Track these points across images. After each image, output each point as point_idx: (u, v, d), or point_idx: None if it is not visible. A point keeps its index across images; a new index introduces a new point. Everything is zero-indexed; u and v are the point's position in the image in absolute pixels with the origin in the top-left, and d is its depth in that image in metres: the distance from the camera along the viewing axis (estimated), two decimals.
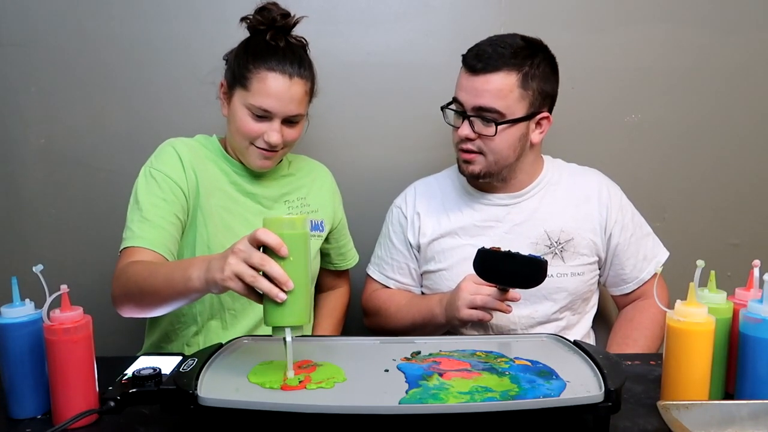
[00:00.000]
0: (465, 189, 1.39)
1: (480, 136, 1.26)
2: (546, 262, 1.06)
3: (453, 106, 1.31)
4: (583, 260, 1.31)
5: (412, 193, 1.44)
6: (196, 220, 1.25)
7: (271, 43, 1.24)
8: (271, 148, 1.24)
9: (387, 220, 1.47)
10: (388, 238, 1.44)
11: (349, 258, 1.51)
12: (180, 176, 1.23)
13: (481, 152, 1.28)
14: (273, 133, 1.22)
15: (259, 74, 1.21)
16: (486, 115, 1.24)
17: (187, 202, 1.23)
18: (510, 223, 1.33)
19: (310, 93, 1.29)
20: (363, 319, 1.51)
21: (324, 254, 1.46)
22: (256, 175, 1.33)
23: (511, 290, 1.13)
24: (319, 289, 1.54)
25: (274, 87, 1.21)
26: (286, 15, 1.27)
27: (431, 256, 1.37)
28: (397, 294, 1.42)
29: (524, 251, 1.27)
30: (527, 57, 1.25)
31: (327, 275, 1.53)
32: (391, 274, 1.43)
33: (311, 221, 1.37)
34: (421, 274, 1.41)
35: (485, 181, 1.32)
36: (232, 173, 1.31)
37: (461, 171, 1.33)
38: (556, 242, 1.30)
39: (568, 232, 1.30)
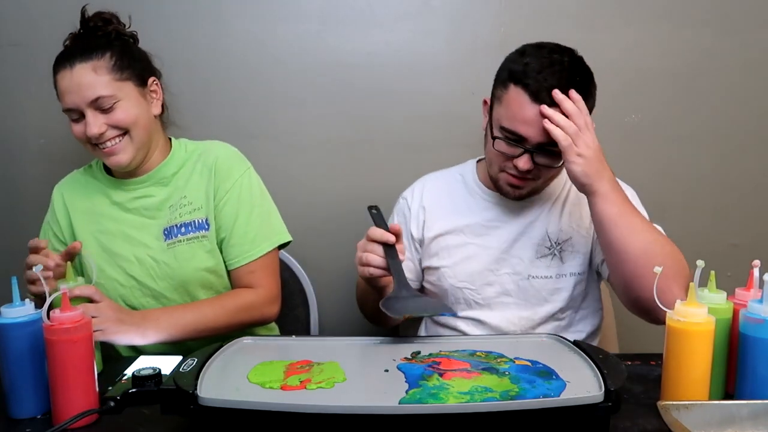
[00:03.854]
0: (475, 187, 1.36)
1: (539, 166, 1.20)
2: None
3: (506, 136, 1.19)
4: (582, 259, 1.30)
5: (420, 187, 1.42)
6: (80, 255, 1.26)
7: (63, 48, 1.26)
8: (99, 140, 1.23)
9: (393, 210, 1.44)
10: None
11: (230, 257, 1.31)
12: (56, 224, 1.34)
13: (533, 178, 1.23)
14: (89, 126, 1.21)
15: (56, 83, 1.23)
16: (554, 149, 1.15)
17: (63, 243, 1.32)
18: (517, 225, 1.31)
19: (116, 69, 1.23)
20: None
21: None
22: (138, 185, 1.31)
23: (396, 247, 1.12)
24: None
25: (63, 84, 1.22)
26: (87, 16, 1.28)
27: (435, 252, 1.35)
28: None
29: (528, 253, 1.28)
30: (590, 83, 1.21)
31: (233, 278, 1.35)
32: None
33: (196, 221, 1.29)
34: (423, 269, 1.39)
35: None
36: (115, 192, 1.32)
37: (504, 194, 1.28)
38: (555, 243, 1.29)
39: (566, 231, 1.29)
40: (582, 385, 0.83)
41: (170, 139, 1.39)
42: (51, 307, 0.88)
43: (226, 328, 1.25)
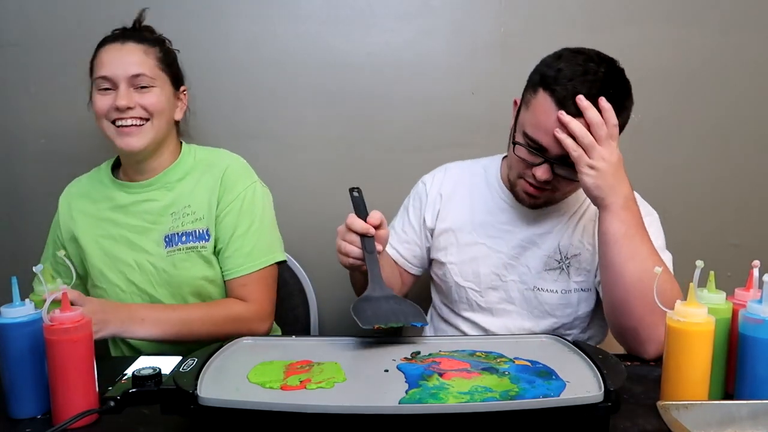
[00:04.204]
0: (495, 185, 1.33)
1: (558, 177, 1.16)
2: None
3: (528, 143, 1.15)
4: (588, 277, 1.26)
5: (441, 174, 1.38)
6: (84, 262, 1.32)
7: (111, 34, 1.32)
8: (122, 115, 1.24)
9: (410, 193, 1.42)
10: (406, 210, 1.40)
11: (224, 269, 1.31)
12: (59, 230, 1.36)
13: (551, 189, 1.19)
14: (120, 97, 1.24)
15: (97, 54, 1.28)
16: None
17: (65, 250, 1.30)
18: (530, 232, 1.27)
19: (162, 61, 1.30)
20: None
21: None
22: (142, 188, 1.32)
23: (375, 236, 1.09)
24: None
25: (107, 55, 1.26)
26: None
27: (443, 246, 1.33)
28: None
29: (536, 263, 1.25)
30: (625, 98, 1.16)
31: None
32: (395, 244, 1.37)
33: (197, 231, 1.29)
34: (431, 261, 1.36)
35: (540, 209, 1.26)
36: (119, 195, 1.33)
37: (519, 200, 1.25)
38: (564, 257, 1.26)
39: (577, 246, 1.26)
40: (582, 385, 0.83)
41: (181, 143, 1.40)
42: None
43: (210, 336, 1.21)
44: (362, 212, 1.11)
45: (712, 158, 1.75)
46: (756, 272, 0.97)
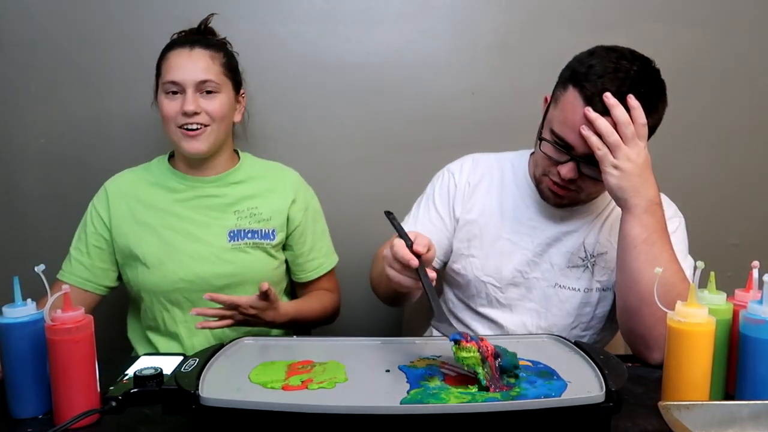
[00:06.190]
0: (523, 180, 1.30)
1: (583, 176, 1.14)
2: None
3: (554, 140, 1.14)
4: (612, 276, 1.23)
5: (470, 163, 1.34)
6: (131, 248, 1.34)
7: (179, 35, 1.39)
8: (189, 120, 1.29)
9: (434, 182, 1.37)
10: (432, 200, 1.34)
11: (309, 270, 1.46)
12: (105, 211, 1.36)
13: (576, 190, 1.18)
14: (187, 102, 1.28)
15: (165, 57, 1.33)
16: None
17: (110, 235, 1.36)
18: (556, 230, 1.25)
19: (226, 67, 1.35)
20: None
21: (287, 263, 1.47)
22: (205, 184, 1.37)
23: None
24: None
25: (176, 60, 1.31)
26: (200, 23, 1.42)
27: (467, 238, 1.29)
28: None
29: (560, 260, 1.24)
30: (658, 99, 1.13)
31: (299, 287, 1.51)
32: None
33: (262, 230, 1.38)
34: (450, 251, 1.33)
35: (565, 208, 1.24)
36: (180, 188, 1.37)
37: (544, 198, 1.23)
38: (590, 255, 1.24)
39: (603, 245, 1.24)
40: (583, 385, 0.83)
41: (235, 150, 1.46)
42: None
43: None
44: (404, 236, 1.00)
45: (711, 158, 1.75)
46: (756, 273, 0.97)
